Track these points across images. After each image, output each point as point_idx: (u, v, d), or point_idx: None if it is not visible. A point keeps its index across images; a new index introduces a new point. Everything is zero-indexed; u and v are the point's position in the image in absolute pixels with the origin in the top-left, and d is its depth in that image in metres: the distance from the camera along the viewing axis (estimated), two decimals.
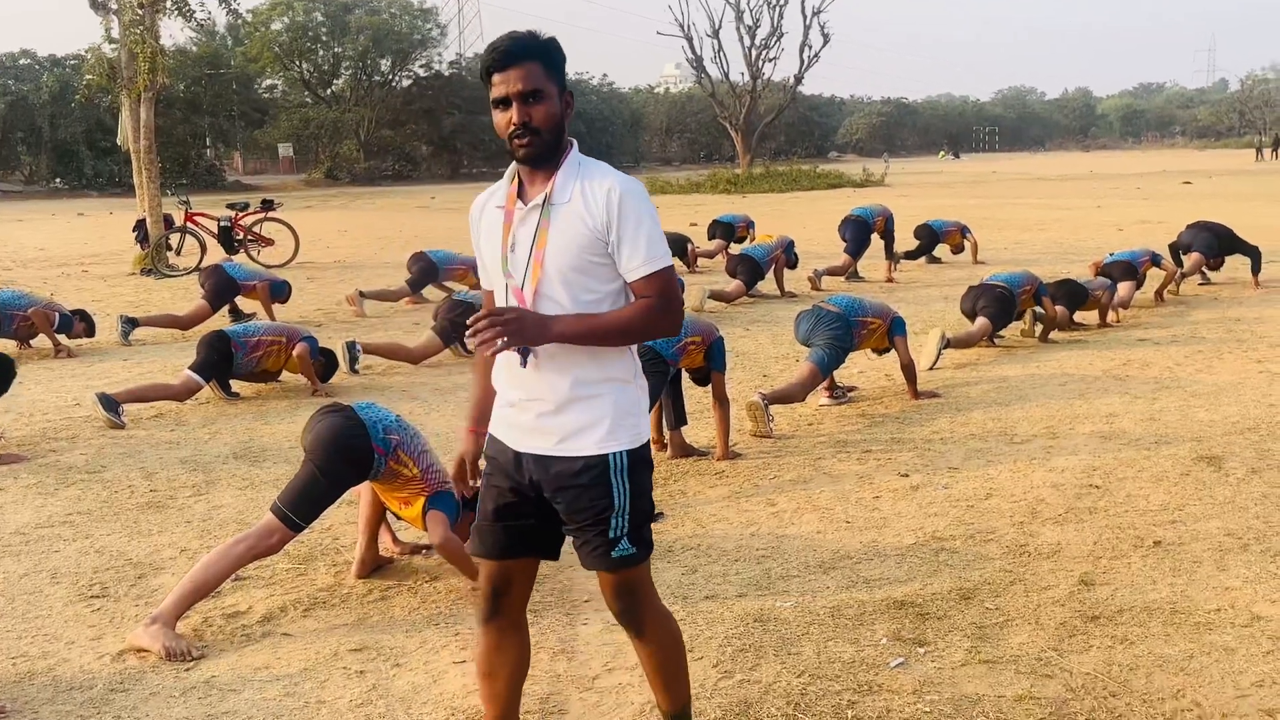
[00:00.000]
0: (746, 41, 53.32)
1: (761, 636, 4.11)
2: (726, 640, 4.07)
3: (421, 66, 66.70)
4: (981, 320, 9.29)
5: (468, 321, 2.67)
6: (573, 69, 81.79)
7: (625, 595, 2.98)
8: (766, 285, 13.11)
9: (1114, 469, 6.01)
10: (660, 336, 2.86)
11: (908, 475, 6.04)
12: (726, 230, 16.95)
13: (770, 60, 53.64)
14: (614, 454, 2.82)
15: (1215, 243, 12.91)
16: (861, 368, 8.72)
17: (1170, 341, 9.64)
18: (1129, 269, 11.46)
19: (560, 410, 2.81)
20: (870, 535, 5.16)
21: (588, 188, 2.75)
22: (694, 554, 4.99)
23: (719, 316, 11.07)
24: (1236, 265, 13.30)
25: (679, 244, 15.22)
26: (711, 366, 6.50)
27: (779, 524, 5.35)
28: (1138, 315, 11.15)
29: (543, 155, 2.77)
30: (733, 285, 12.67)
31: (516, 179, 2.86)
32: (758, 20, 53.04)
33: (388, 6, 64.50)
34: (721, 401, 6.46)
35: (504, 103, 2.77)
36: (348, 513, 5.31)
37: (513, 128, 2.74)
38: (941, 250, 16.15)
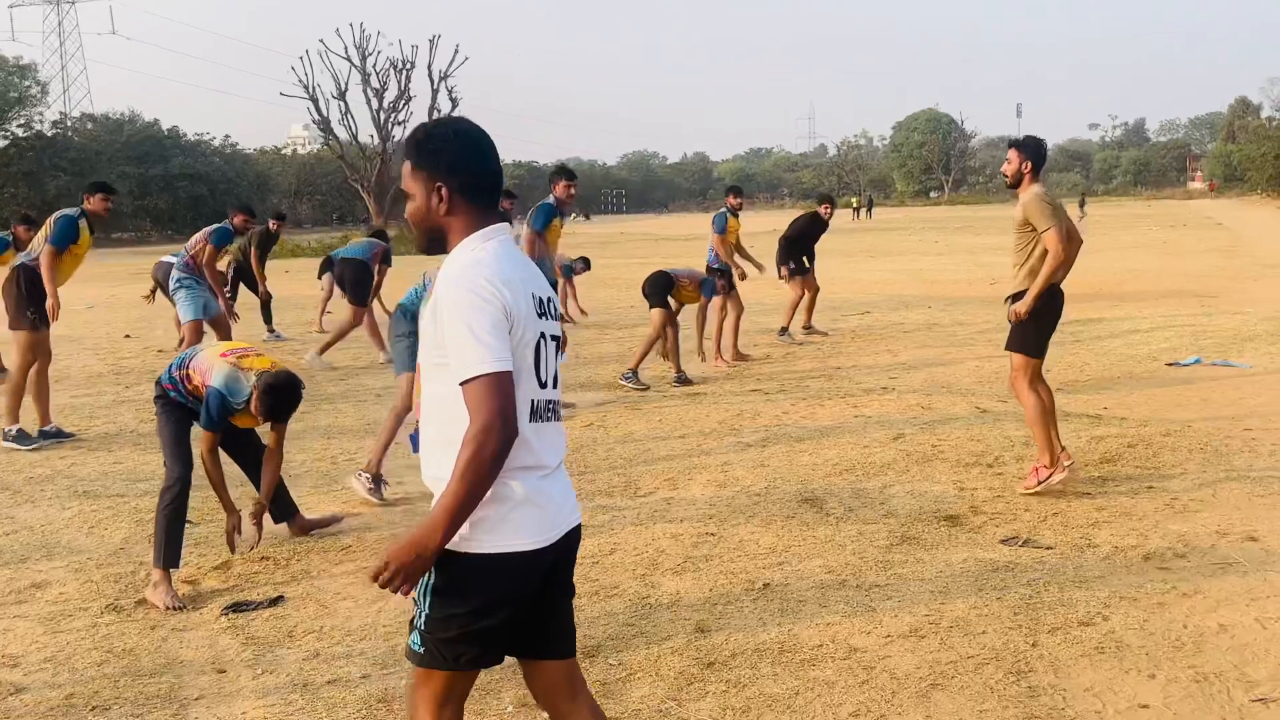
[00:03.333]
0: (374, 104, 53.03)
1: (385, 719, 3.99)
2: None
3: (20, 126, 61.86)
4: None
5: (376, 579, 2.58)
6: (191, 129, 77.87)
7: (409, 689, 2.82)
8: None
9: (728, 516, 6.33)
10: (490, 462, 2.51)
11: None
12: None
13: (400, 123, 53.59)
14: None
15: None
16: None
17: (779, 391, 10.30)
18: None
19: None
20: None
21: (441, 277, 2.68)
22: (316, 636, 4.80)
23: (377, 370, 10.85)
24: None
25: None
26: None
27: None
28: (751, 367, 11.85)
29: (427, 247, 2.79)
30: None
31: None
32: (385, 83, 52.90)
33: None
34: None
35: None
36: None
37: None
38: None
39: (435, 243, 2.76)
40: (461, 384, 2.53)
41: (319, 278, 15.54)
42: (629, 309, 17.32)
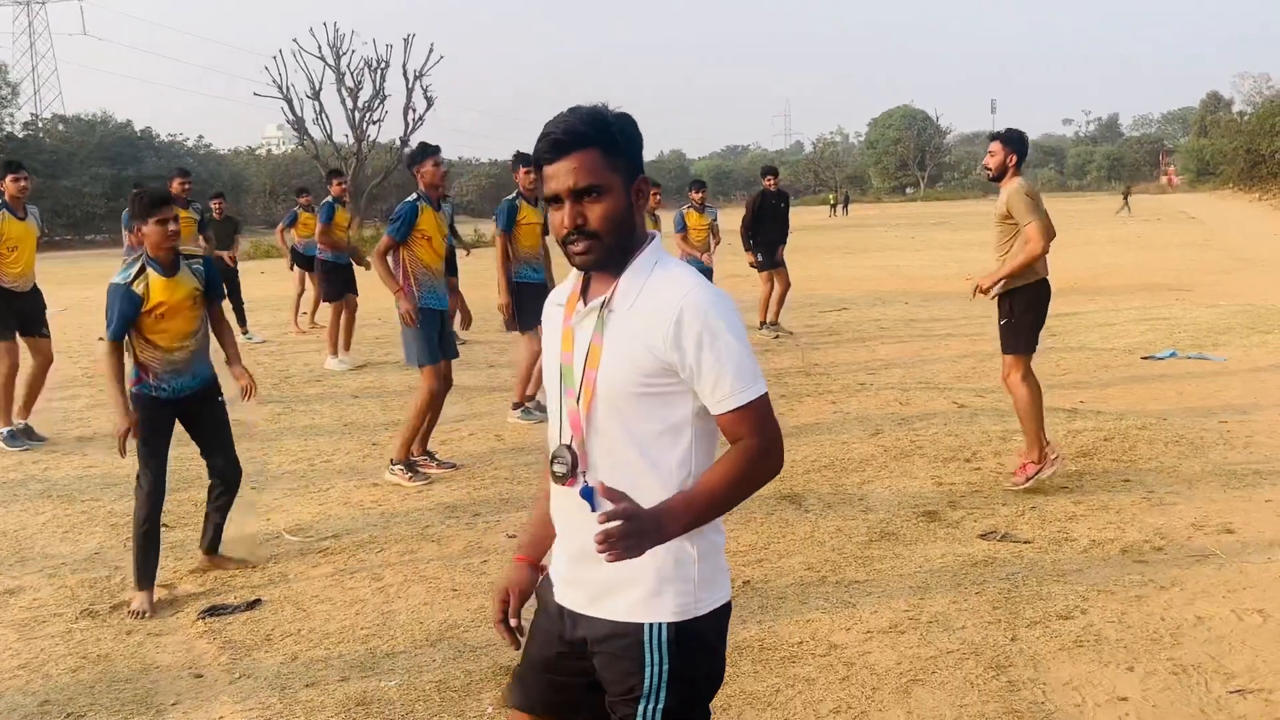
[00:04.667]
0: (349, 104, 52.80)
1: None
2: None
3: None
4: None
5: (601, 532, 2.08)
6: (165, 130, 77.54)
7: None
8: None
9: None
10: (766, 482, 2.29)
11: (515, 536, 6.08)
12: None
13: (375, 123, 53.36)
14: (651, 625, 2.26)
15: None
16: (472, 430, 8.73)
17: None
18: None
19: (595, 559, 2.17)
20: (478, 601, 5.13)
21: (656, 295, 2.24)
22: (294, 639, 4.77)
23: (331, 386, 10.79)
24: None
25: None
26: None
27: (385, 599, 5.21)
28: None
29: (605, 261, 2.28)
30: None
31: (582, 274, 2.37)
32: (359, 83, 52.68)
33: None
34: None
35: (557, 200, 2.26)
36: None
37: (565, 231, 2.26)
38: None
39: (622, 252, 2.29)
40: (738, 408, 2.21)
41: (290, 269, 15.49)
42: None
